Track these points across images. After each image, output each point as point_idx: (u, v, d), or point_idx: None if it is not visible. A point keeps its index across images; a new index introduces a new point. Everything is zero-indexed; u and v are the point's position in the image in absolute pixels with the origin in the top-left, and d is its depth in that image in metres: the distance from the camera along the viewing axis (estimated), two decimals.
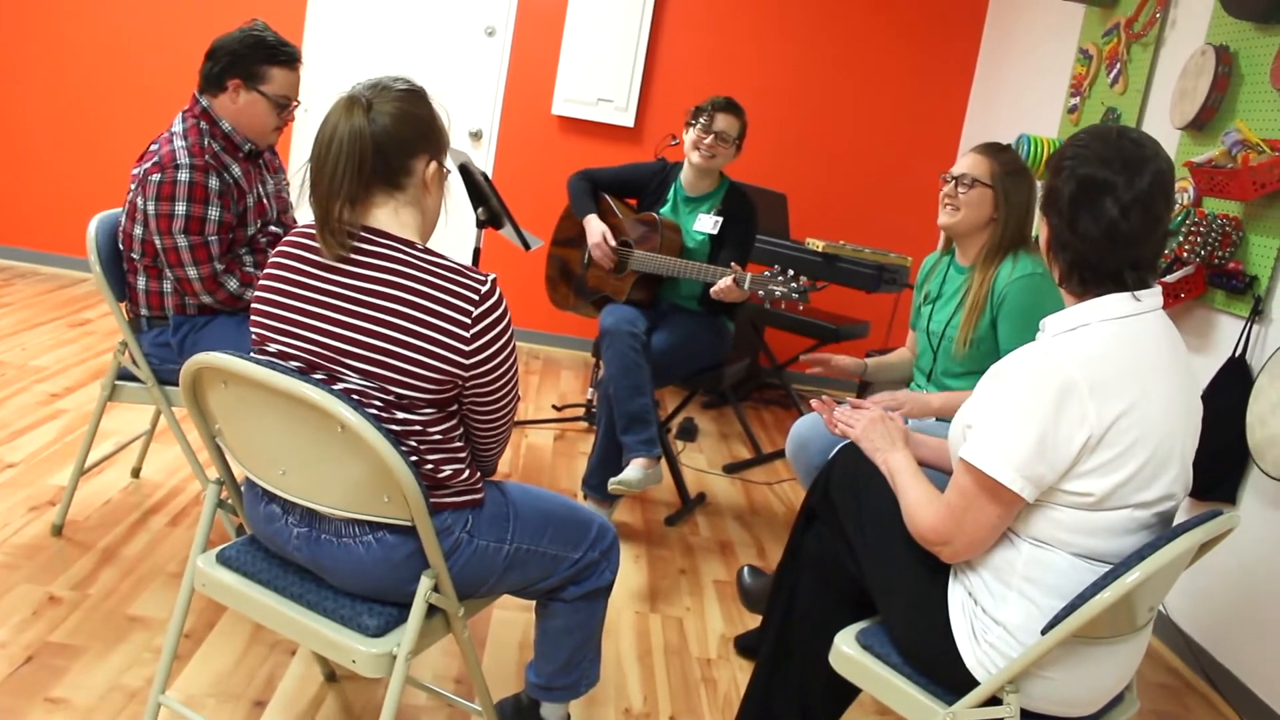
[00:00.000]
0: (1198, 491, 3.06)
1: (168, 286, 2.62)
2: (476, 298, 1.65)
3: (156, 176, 2.49)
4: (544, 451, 4.10)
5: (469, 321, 1.64)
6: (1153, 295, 1.74)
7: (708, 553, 3.39)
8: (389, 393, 1.64)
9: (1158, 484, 1.67)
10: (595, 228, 3.52)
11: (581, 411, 4.59)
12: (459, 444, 1.74)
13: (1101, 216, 1.67)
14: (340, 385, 1.65)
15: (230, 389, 1.70)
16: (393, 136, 1.66)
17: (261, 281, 1.74)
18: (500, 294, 1.68)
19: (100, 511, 2.94)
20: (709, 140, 3.41)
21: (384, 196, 1.70)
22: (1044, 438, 1.61)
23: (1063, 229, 1.71)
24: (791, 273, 3.02)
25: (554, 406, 4.66)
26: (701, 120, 3.42)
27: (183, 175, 2.49)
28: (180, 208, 2.48)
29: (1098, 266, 1.70)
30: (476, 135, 5.58)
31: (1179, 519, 1.77)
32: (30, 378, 3.88)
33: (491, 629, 2.67)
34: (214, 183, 2.52)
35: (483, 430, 1.77)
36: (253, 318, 1.74)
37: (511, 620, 2.72)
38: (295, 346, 1.68)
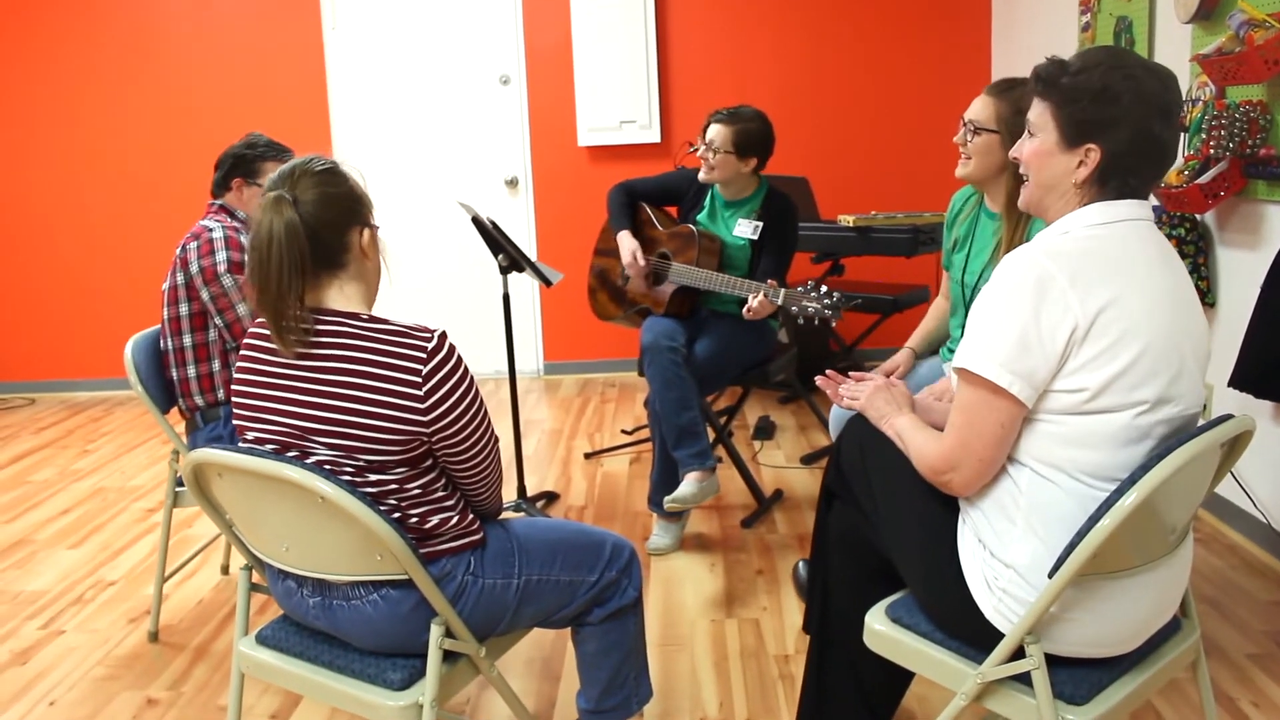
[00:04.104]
0: (1276, 396, 2.90)
1: (217, 365, 2.79)
2: (424, 354, 1.69)
3: (194, 244, 2.79)
4: (619, 478, 4.13)
5: (420, 380, 1.68)
6: (1140, 205, 1.70)
7: (785, 549, 3.36)
8: (357, 459, 1.69)
9: (1155, 381, 1.60)
10: (626, 245, 3.54)
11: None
12: (442, 494, 1.78)
13: (1166, 139, 1.65)
14: (312, 459, 1.71)
15: (226, 479, 1.78)
16: (323, 221, 1.71)
17: (235, 375, 1.83)
18: (450, 347, 1.72)
19: (194, 612, 3.09)
20: (699, 152, 3.41)
21: (328, 278, 1.76)
22: (1025, 330, 1.59)
23: (1124, 155, 1.65)
24: (825, 289, 2.96)
25: (624, 431, 4.70)
26: (702, 134, 3.44)
27: (217, 234, 2.80)
28: (221, 255, 2.77)
29: (1143, 188, 1.70)
30: (512, 183, 5.69)
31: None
32: (129, 498, 4.11)
33: (567, 661, 2.70)
34: (245, 239, 2.80)
35: (465, 478, 1.81)
36: (233, 410, 1.83)
37: None
38: (268, 430, 1.75)
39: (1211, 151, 3.00)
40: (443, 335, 1.72)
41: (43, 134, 5.70)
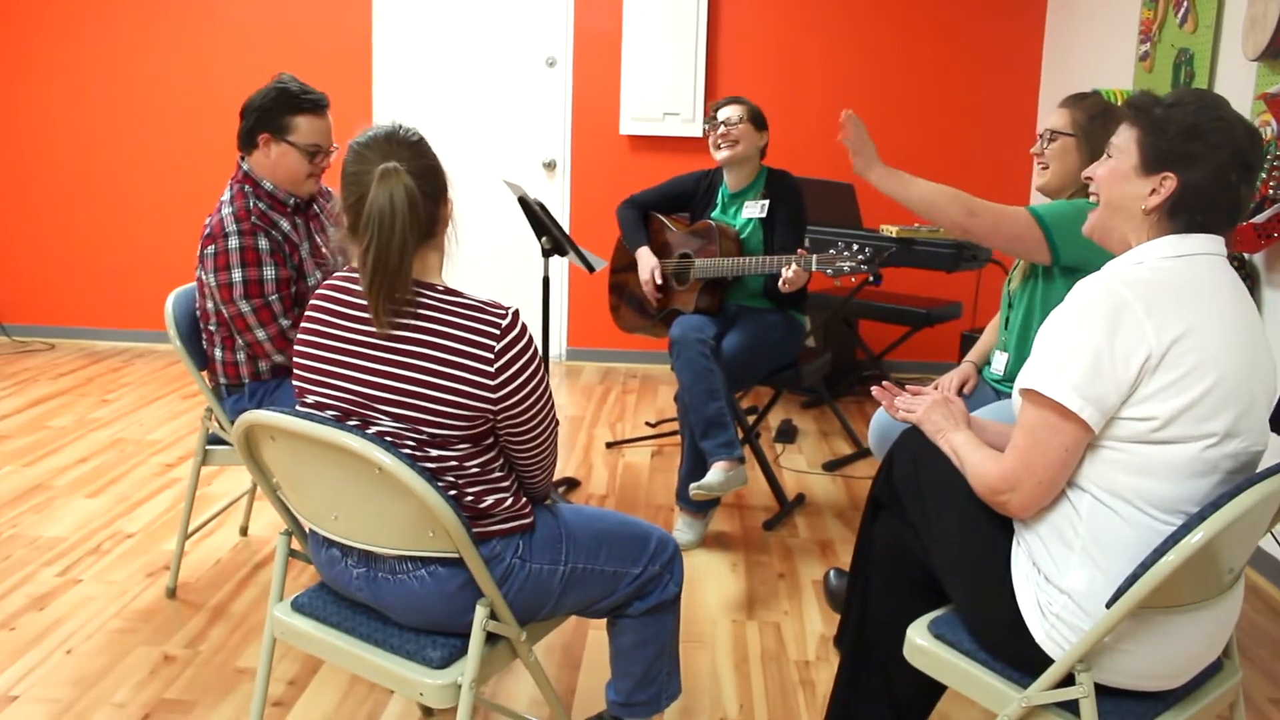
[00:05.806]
0: None
1: (241, 356, 2.69)
2: (498, 332, 1.68)
3: (210, 248, 2.58)
4: (640, 469, 4.11)
5: (491, 356, 1.67)
6: (1214, 240, 1.69)
7: (807, 554, 3.35)
8: (421, 432, 1.68)
9: (1224, 415, 1.60)
10: (646, 263, 3.62)
11: (677, 425, 4.59)
12: (499, 474, 1.76)
13: (1240, 192, 1.67)
14: (374, 429, 1.70)
15: (278, 443, 1.77)
16: (423, 192, 1.69)
17: (299, 335, 1.81)
18: (523, 326, 1.71)
19: (212, 571, 3.08)
20: (720, 132, 3.48)
21: (419, 248, 1.73)
22: (1099, 355, 1.58)
23: (1198, 192, 1.66)
24: (856, 246, 2.97)
25: (648, 424, 4.68)
26: (709, 124, 3.53)
27: (233, 243, 2.56)
28: (237, 274, 2.56)
29: (1211, 231, 1.70)
30: (550, 165, 5.67)
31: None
32: (147, 451, 4.10)
33: (587, 649, 2.69)
34: (264, 243, 2.59)
35: (523, 459, 1.80)
36: (294, 370, 1.81)
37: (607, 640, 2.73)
38: (330, 396, 1.74)
39: (1270, 191, 2.98)
40: (516, 313, 1.71)
41: (70, 80, 5.67)
